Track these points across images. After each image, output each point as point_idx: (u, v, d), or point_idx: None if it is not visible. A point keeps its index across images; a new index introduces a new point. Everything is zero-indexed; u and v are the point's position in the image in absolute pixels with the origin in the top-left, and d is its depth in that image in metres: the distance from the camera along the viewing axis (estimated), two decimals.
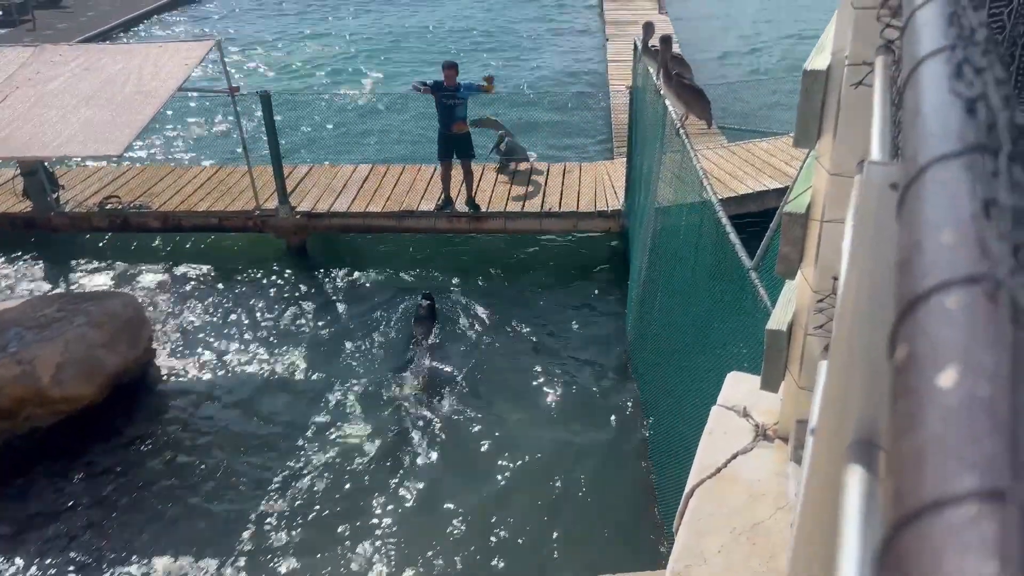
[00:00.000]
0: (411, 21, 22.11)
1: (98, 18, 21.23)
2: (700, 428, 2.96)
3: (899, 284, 0.40)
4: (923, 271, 0.38)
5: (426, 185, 10.46)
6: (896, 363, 0.35)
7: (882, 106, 1.21)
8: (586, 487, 6.68)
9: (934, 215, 0.43)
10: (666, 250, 6.73)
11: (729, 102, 13.34)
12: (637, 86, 9.38)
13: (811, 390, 2.30)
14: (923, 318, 0.35)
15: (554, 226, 10.02)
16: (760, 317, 3.82)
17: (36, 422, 7.28)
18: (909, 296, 0.37)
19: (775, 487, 2.57)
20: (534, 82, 17.03)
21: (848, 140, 2.01)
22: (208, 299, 9.41)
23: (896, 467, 0.30)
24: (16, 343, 7.30)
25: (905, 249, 0.43)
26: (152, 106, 8.26)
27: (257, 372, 8.20)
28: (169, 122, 14.41)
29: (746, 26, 20.74)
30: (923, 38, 0.72)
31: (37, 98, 8.61)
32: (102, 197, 10.48)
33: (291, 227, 10.06)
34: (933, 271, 0.38)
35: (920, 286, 0.37)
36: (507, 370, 8.14)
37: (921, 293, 0.36)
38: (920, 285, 0.37)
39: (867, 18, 1.81)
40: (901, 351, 0.35)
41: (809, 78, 2.08)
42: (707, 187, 5.23)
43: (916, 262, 0.40)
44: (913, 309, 0.36)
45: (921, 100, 0.60)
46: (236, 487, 6.80)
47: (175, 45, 9.76)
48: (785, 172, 9.85)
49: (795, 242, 2.28)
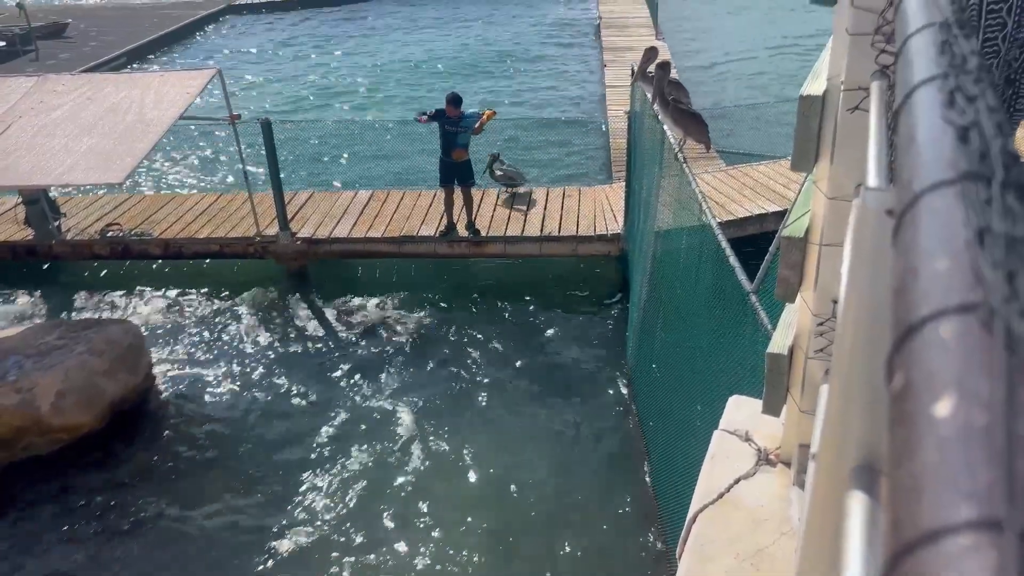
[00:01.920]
0: (408, 50, 22.34)
1: (101, 48, 21.45)
2: (702, 452, 2.94)
3: (895, 312, 0.40)
4: (918, 299, 0.39)
5: (426, 210, 10.51)
6: (893, 391, 0.35)
7: (878, 131, 1.22)
8: (587, 512, 6.63)
9: (928, 243, 0.44)
10: (666, 273, 6.74)
11: (726, 126, 13.42)
12: (635, 111, 9.45)
13: (813, 414, 2.30)
14: (918, 347, 0.35)
15: (554, 250, 10.04)
16: (761, 340, 3.82)
17: (35, 450, 7.25)
18: (904, 324, 0.37)
19: (778, 512, 2.55)
20: (533, 108, 17.16)
21: (845, 164, 2.02)
22: (208, 326, 9.41)
23: (894, 496, 0.30)
24: (16, 371, 7.29)
25: (900, 276, 0.43)
26: (153, 135, 8.33)
27: (258, 398, 8.17)
28: (171, 150, 14.50)
29: (742, 51, 20.94)
30: (916, 66, 0.73)
31: (40, 127, 8.67)
32: (104, 225, 10.52)
33: (292, 253, 10.09)
34: (927, 299, 0.38)
35: (915, 314, 0.37)
36: (507, 394, 8.12)
37: (916, 322, 0.37)
38: (915, 313, 0.37)
39: (862, 44, 1.83)
40: (897, 380, 0.35)
41: (805, 103, 2.10)
42: (706, 210, 5.25)
43: (911, 290, 0.40)
44: (908, 337, 0.36)
45: (915, 127, 0.61)
46: (237, 513, 6.75)
47: (176, 74, 9.85)
48: (784, 195, 9.90)
49: (794, 266, 2.29)
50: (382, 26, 25.18)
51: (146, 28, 23.59)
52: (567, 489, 6.88)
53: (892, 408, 0.34)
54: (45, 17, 23.00)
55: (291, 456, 7.37)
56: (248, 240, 10.11)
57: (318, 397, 8.17)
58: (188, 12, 26.15)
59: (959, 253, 0.41)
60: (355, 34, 24.18)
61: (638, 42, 16.81)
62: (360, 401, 8.06)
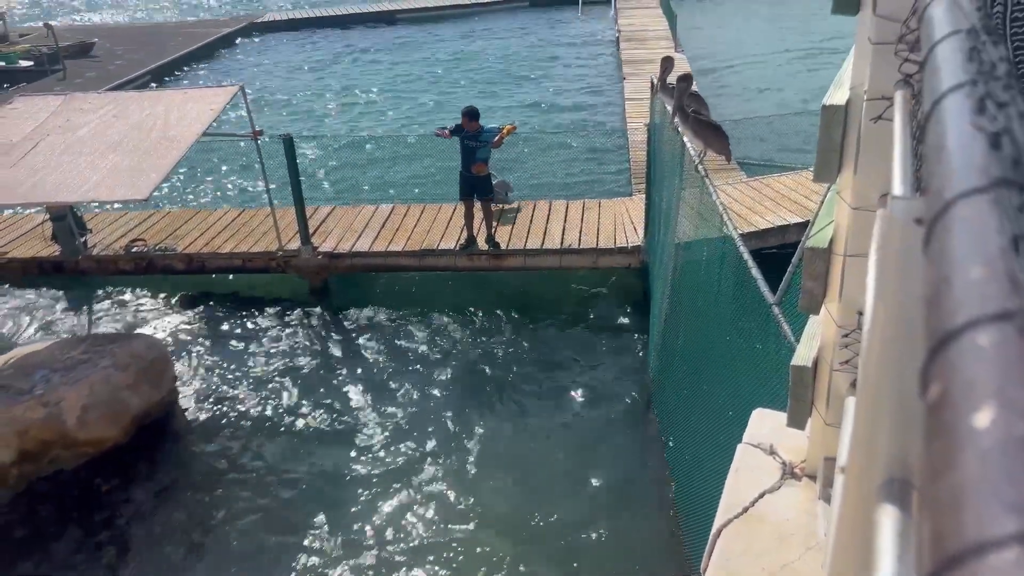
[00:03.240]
0: (432, 66, 22.48)
1: (126, 66, 21.80)
2: (725, 466, 2.91)
3: (929, 321, 0.40)
4: (953, 308, 0.38)
5: (446, 224, 10.54)
6: (929, 402, 0.35)
7: (902, 140, 1.20)
8: (610, 526, 6.58)
9: (962, 251, 0.43)
10: (687, 285, 6.71)
11: (747, 137, 13.37)
12: (654, 123, 9.44)
13: (838, 427, 2.27)
14: (955, 356, 0.35)
15: (574, 263, 10.03)
16: (784, 352, 3.78)
17: (61, 464, 7.32)
18: (940, 333, 0.37)
19: (804, 526, 2.51)
20: (552, 121, 17.21)
21: (869, 174, 2.00)
22: (231, 340, 9.48)
23: (933, 509, 0.29)
24: (43, 385, 7.38)
25: (934, 285, 0.42)
26: (177, 151, 8.43)
27: (280, 412, 8.21)
28: (194, 166, 14.67)
29: (762, 62, 20.88)
30: (943, 73, 0.72)
31: (66, 145, 8.81)
32: (128, 240, 10.66)
33: (313, 267, 10.16)
34: (963, 308, 0.37)
35: (951, 323, 0.36)
36: (526, 408, 8.10)
37: (952, 330, 0.36)
38: (950, 322, 0.37)
39: (885, 53, 1.82)
40: (934, 390, 0.34)
41: (828, 113, 2.08)
42: (727, 222, 5.23)
43: (945, 299, 0.39)
44: (944, 347, 0.36)
45: (944, 135, 0.60)
46: (259, 527, 6.77)
47: (200, 91, 9.98)
48: (805, 206, 9.83)
49: (818, 277, 2.27)
50: (406, 42, 25.39)
51: (171, 46, 23.95)
52: (588, 503, 6.83)
53: (928, 419, 0.34)
54: (72, 37, 23.43)
55: (314, 469, 7.39)
56: (270, 255, 10.19)
57: (340, 410, 8.19)
58: (212, 30, 26.53)
59: (994, 261, 0.40)
60: (379, 50, 24.39)
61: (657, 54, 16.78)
62: (381, 414, 8.07)
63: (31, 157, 8.68)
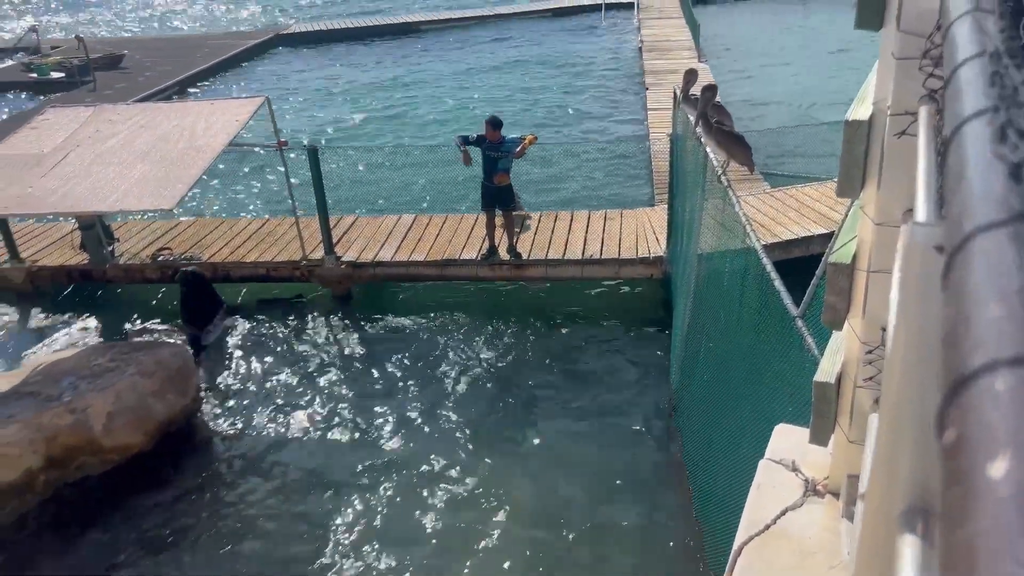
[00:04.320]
0: (457, 77, 22.59)
1: (155, 77, 22.13)
2: (747, 481, 2.88)
3: (946, 361, 0.39)
4: (970, 349, 0.37)
5: (468, 234, 10.57)
6: (945, 446, 0.34)
7: (926, 158, 1.19)
8: (630, 541, 6.53)
9: (980, 288, 0.43)
10: (709, 297, 6.67)
11: (771, 148, 13.29)
12: (677, 134, 9.42)
13: (862, 444, 2.24)
14: (971, 400, 0.34)
15: (596, 273, 10.01)
16: (807, 366, 3.75)
17: (87, 470, 7.40)
18: (956, 376, 0.36)
19: (827, 544, 2.48)
20: (574, 131, 17.21)
21: (892, 190, 1.98)
22: (254, 348, 9.56)
23: (949, 562, 0.29)
24: (71, 392, 7.48)
25: (951, 323, 0.42)
26: (203, 161, 8.55)
27: (303, 421, 8.26)
28: (219, 176, 14.85)
29: (786, 72, 20.76)
30: (965, 98, 0.71)
31: (96, 155, 8.97)
32: (155, 249, 10.80)
33: (336, 277, 10.22)
34: (980, 349, 0.37)
35: (967, 366, 0.36)
36: (547, 419, 8.08)
37: (968, 374, 0.36)
38: (967, 365, 0.36)
39: (909, 68, 1.80)
40: (949, 435, 0.34)
41: (851, 128, 2.07)
42: (750, 233, 5.19)
43: (962, 338, 0.39)
44: (960, 390, 0.35)
45: (964, 163, 0.60)
46: (282, 534, 6.81)
47: (226, 102, 10.11)
48: (829, 217, 9.74)
49: (841, 292, 2.24)
50: (430, 52, 25.54)
51: (198, 58, 24.27)
52: (607, 517, 6.79)
53: (945, 465, 0.33)
54: (102, 49, 23.83)
55: (337, 478, 7.42)
56: (294, 264, 10.28)
57: (362, 419, 8.22)
58: (239, 41, 26.86)
59: (1013, 300, 0.39)
60: (404, 62, 24.54)
61: (680, 65, 16.77)
62: (403, 422, 8.09)
63: (61, 167, 8.84)
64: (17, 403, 7.36)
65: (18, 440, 6.95)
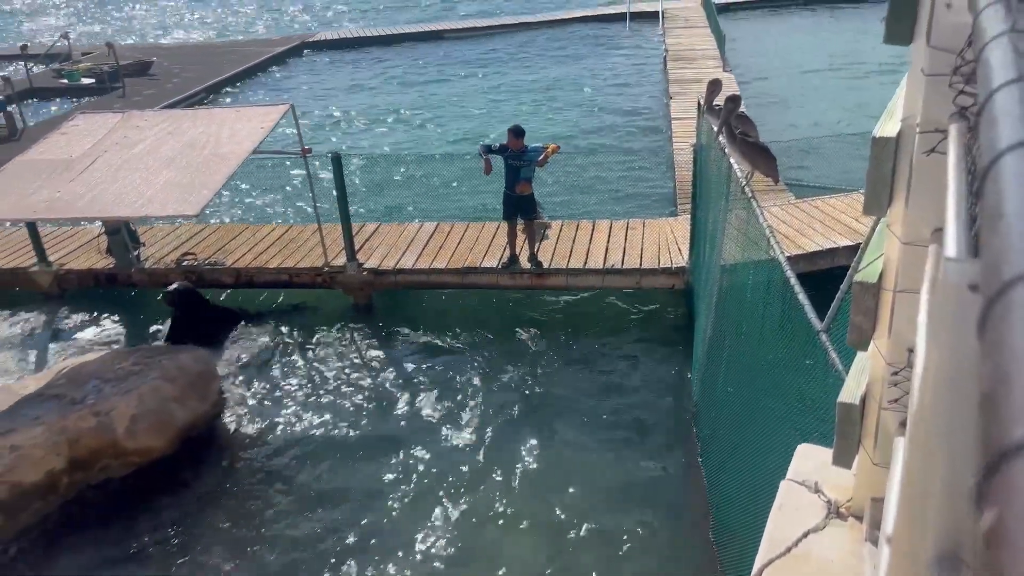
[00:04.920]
0: (482, 84, 22.65)
1: (183, 84, 22.40)
2: (768, 502, 2.83)
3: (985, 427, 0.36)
4: (1012, 416, 0.35)
5: (489, 242, 10.56)
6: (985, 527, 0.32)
7: (957, 179, 1.15)
8: (645, 560, 6.46)
9: (1021, 343, 0.40)
10: (732, 309, 6.60)
11: (796, 159, 13.17)
12: (701, 144, 9.36)
13: (886, 467, 2.19)
14: (1014, 478, 0.31)
15: (617, 283, 9.95)
16: (832, 383, 3.68)
17: (109, 473, 7.47)
18: (997, 448, 0.34)
19: (850, 569, 2.43)
20: (598, 140, 17.17)
21: (920, 208, 1.93)
22: (276, 354, 9.61)
23: None
24: (95, 395, 7.56)
25: (991, 382, 0.39)
26: (228, 168, 8.62)
27: (323, 427, 8.28)
28: (244, 182, 14.97)
29: (811, 83, 20.59)
30: (1001, 127, 0.68)
31: (123, 161, 9.07)
32: (179, 254, 10.90)
33: (358, 284, 10.26)
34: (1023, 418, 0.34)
35: (1009, 438, 0.33)
36: (566, 429, 8.03)
37: (1011, 447, 0.33)
38: (1010, 436, 0.33)
39: (939, 85, 1.76)
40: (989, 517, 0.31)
41: (878, 145, 2.02)
42: (774, 245, 5.13)
43: (1003, 403, 0.36)
44: (1002, 465, 0.32)
45: (1002, 200, 0.57)
46: (302, 540, 6.82)
47: (251, 109, 10.20)
48: (855, 229, 9.61)
49: (867, 312, 2.20)
50: (454, 60, 25.63)
51: (224, 65, 24.53)
52: (623, 533, 6.72)
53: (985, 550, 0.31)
54: (132, 55, 24.17)
55: (357, 484, 7.42)
56: (317, 270, 10.32)
57: (383, 425, 8.22)
58: (265, 49, 27.13)
59: None
60: (429, 70, 24.63)
61: (705, 74, 16.70)
62: (424, 430, 8.08)
63: (89, 173, 8.95)
64: (42, 405, 7.45)
65: (43, 442, 7.03)
